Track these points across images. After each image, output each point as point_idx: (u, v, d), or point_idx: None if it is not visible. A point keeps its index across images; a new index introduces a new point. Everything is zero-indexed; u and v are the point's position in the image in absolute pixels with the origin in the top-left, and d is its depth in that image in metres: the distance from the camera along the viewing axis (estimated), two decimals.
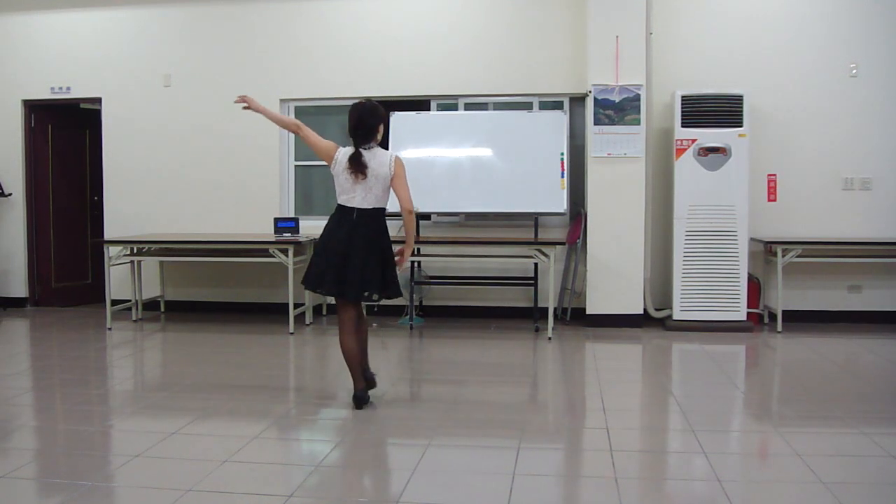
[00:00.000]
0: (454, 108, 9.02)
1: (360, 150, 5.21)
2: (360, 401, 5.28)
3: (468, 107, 9.00)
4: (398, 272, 5.36)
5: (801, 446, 4.38)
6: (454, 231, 8.96)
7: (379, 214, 5.25)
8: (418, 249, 8.38)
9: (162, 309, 9.32)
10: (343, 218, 5.21)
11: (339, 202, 5.25)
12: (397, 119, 8.60)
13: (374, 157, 5.21)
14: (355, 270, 5.12)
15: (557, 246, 7.98)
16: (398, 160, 5.25)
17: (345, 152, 5.26)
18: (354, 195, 5.18)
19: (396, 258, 5.32)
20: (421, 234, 8.54)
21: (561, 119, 8.45)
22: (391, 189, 5.24)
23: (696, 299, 8.06)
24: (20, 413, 5.25)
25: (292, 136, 9.25)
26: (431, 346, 7.68)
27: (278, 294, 8.79)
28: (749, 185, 8.02)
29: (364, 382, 5.36)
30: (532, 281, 8.36)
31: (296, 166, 9.33)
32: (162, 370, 7.09)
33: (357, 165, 5.15)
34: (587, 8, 8.26)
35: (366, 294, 5.20)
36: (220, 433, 4.75)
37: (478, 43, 8.81)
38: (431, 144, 8.58)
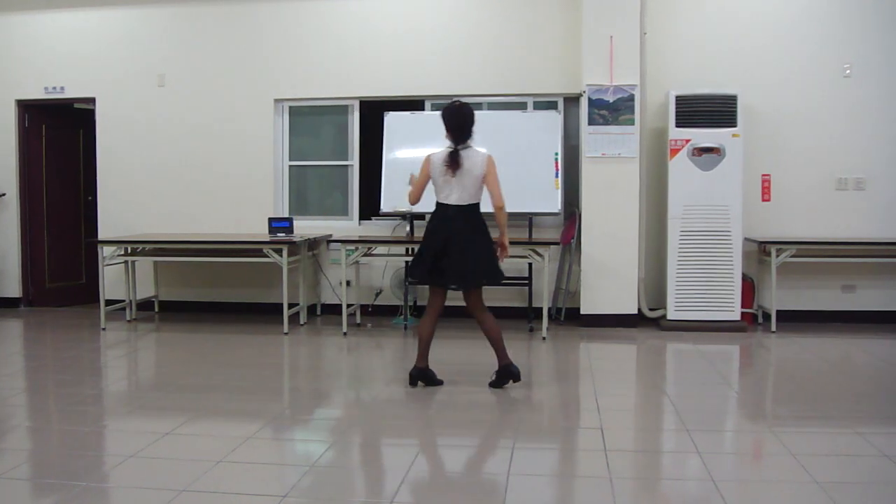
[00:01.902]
0: None
1: (458, 148, 5.61)
2: (413, 378, 5.77)
3: None
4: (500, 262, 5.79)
5: (795, 446, 4.38)
6: None
7: (474, 209, 5.66)
8: (413, 249, 8.37)
9: (156, 309, 9.31)
10: (441, 214, 5.67)
11: (437, 200, 5.72)
12: (391, 119, 8.60)
13: (469, 157, 5.61)
14: (454, 262, 5.57)
15: (552, 246, 7.97)
16: (490, 159, 5.66)
17: (438, 155, 5.68)
18: (451, 193, 5.62)
19: (498, 250, 5.76)
20: (415, 234, 8.53)
21: (555, 119, 8.46)
22: (483, 186, 5.66)
23: (691, 299, 8.07)
24: (14, 413, 5.25)
25: (287, 135, 9.28)
26: None
27: (272, 294, 8.78)
28: (743, 185, 8.04)
29: (425, 362, 5.78)
30: (526, 281, 8.36)
31: (290, 166, 9.32)
32: (156, 370, 7.08)
33: (452, 162, 5.56)
34: (581, 8, 8.26)
35: (463, 283, 5.71)
36: (215, 433, 4.75)
37: (472, 43, 8.82)
38: (426, 144, 8.46)
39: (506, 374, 5.70)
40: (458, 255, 5.56)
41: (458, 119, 5.63)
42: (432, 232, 5.69)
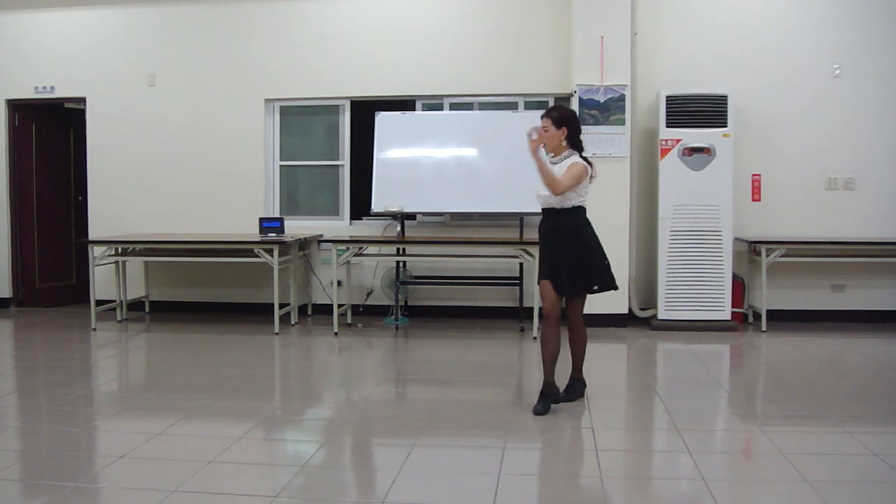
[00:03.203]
0: (439, 108, 9.02)
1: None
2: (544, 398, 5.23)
3: (453, 107, 8.99)
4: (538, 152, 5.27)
5: (785, 445, 4.39)
6: (439, 231, 8.96)
7: (576, 212, 5.30)
8: (403, 249, 8.38)
9: (147, 309, 9.29)
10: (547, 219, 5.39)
11: (583, 203, 5.37)
12: (382, 119, 8.59)
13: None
14: (562, 268, 5.24)
15: None
16: (573, 164, 5.25)
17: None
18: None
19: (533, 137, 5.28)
20: (406, 234, 8.54)
21: None
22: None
23: (681, 299, 8.09)
24: (4, 414, 5.22)
25: (278, 135, 9.27)
26: (416, 346, 7.68)
27: (263, 294, 8.76)
28: (733, 184, 8.06)
29: (551, 378, 5.26)
30: (517, 281, 8.37)
31: (281, 166, 9.31)
32: (147, 371, 7.07)
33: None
34: (572, 8, 8.27)
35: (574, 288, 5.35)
36: (206, 434, 4.74)
37: (463, 43, 8.82)
38: (416, 144, 8.58)
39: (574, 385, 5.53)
40: (563, 261, 5.29)
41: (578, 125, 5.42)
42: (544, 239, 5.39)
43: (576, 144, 5.34)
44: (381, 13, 8.94)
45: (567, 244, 5.24)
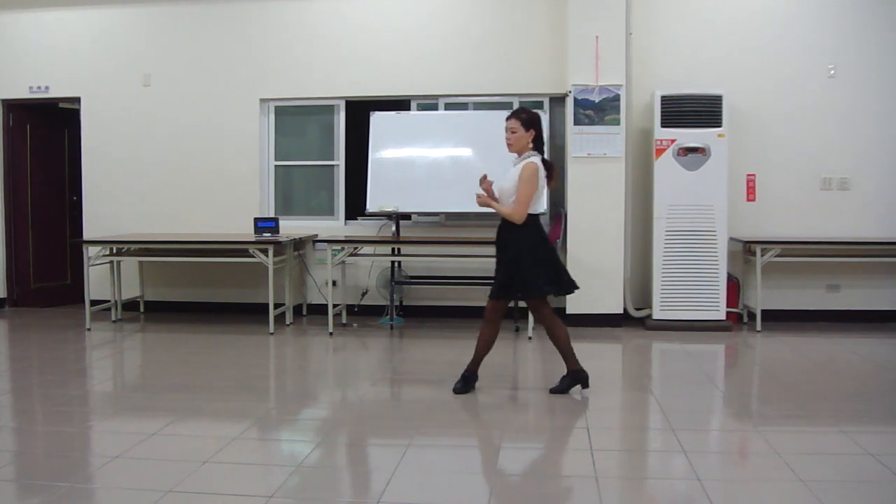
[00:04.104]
0: (434, 107, 9.02)
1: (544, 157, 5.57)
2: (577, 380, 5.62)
3: (448, 107, 9.00)
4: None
5: (780, 445, 4.40)
6: (435, 231, 8.96)
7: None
8: (398, 249, 8.38)
9: (141, 309, 9.28)
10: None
11: (536, 212, 5.57)
12: (378, 119, 8.59)
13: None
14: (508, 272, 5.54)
15: None
16: (525, 166, 5.42)
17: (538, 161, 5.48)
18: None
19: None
20: (401, 234, 8.54)
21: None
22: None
23: (676, 299, 8.09)
24: None
25: (272, 135, 9.26)
26: (412, 346, 7.68)
27: (258, 294, 8.76)
28: (728, 184, 8.07)
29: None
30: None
31: (276, 166, 9.30)
32: (141, 371, 7.06)
33: (550, 172, 5.56)
34: (567, 8, 8.28)
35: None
36: (201, 434, 4.74)
37: (458, 43, 8.82)
38: (412, 144, 8.57)
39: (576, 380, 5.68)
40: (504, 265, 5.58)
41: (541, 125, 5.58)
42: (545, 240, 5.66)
43: (539, 147, 5.52)
44: (376, 13, 8.93)
45: (502, 251, 5.63)
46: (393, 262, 8.50)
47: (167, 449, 4.44)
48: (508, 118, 5.50)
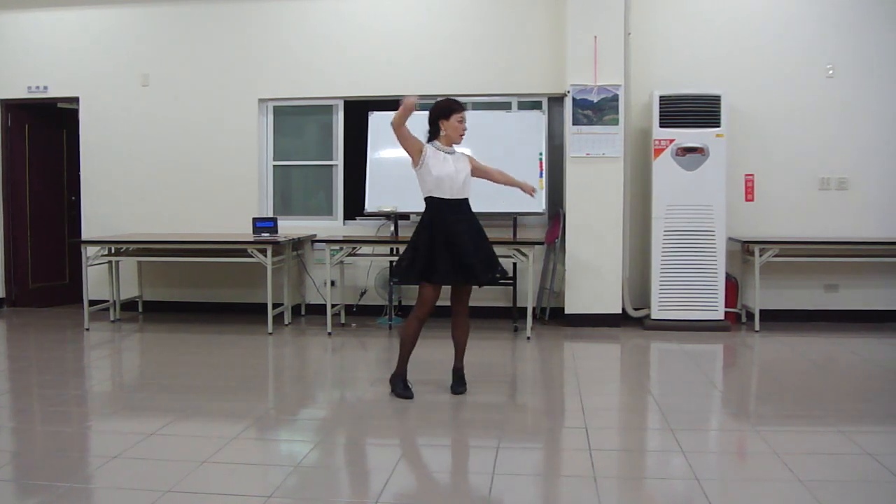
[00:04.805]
0: None
1: None
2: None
3: None
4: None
5: (778, 445, 4.40)
6: None
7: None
8: (397, 249, 8.37)
9: (140, 309, 9.28)
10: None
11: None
12: (376, 119, 8.59)
13: None
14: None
15: (536, 246, 7.99)
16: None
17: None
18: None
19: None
20: (400, 234, 8.53)
21: (539, 119, 8.48)
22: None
23: (675, 299, 8.10)
24: None
25: (271, 135, 9.26)
26: None
27: (257, 294, 8.76)
28: (727, 184, 8.07)
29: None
30: (511, 281, 8.36)
31: (274, 166, 9.30)
32: (140, 371, 7.05)
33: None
34: (566, 8, 8.28)
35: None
36: (199, 434, 4.74)
37: (456, 43, 8.82)
38: None
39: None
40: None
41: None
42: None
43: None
44: (374, 13, 8.93)
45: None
46: (391, 262, 8.49)
47: (166, 449, 4.44)
48: (462, 111, 5.88)
